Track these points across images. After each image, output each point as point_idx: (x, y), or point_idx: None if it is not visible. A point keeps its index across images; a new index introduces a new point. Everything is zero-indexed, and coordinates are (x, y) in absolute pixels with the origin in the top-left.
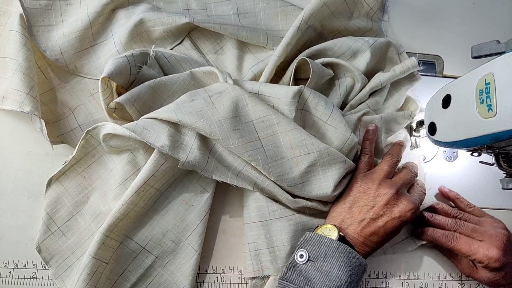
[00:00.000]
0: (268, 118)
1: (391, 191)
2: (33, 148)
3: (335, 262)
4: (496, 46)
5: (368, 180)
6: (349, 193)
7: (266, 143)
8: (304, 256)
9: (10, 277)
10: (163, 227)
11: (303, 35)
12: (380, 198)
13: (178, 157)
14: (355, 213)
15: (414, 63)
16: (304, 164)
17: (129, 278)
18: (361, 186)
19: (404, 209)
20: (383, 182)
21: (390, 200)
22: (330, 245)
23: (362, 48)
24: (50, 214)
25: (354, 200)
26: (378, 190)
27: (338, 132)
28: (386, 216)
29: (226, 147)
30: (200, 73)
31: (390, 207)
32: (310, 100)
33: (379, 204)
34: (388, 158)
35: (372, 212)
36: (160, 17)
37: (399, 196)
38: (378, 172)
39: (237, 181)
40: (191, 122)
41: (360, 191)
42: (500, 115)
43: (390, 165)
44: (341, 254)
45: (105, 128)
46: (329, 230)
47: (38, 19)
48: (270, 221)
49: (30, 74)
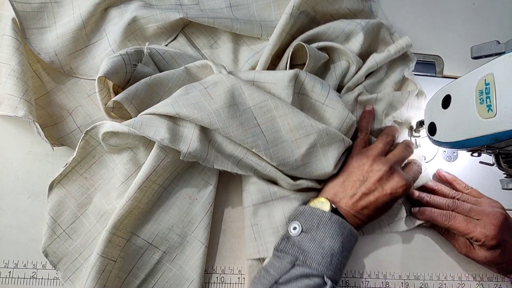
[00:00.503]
0: (265, 104)
1: (384, 167)
2: (33, 148)
3: (327, 232)
4: (496, 46)
5: (363, 156)
6: (344, 168)
7: (265, 128)
8: (297, 228)
9: (10, 277)
10: (168, 222)
11: (296, 21)
12: (373, 174)
13: (179, 148)
14: (347, 187)
15: (408, 42)
16: (305, 146)
17: (138, 275)
18: (355, 161)
19: (395, 185)
20: (377, 159)
21: (382, 176)
22: (323, 216)
23: (355, 30)
24: (54, 218)
25: (348, 175)
26: (372, 166)
27: (336, 112)
28: (377, 192)
29: (226, 136)
30: (195, 67)
31: (382, 183)
32: (307, 83)
33: (371, 179)
34: (384, 137)
35: (364, 187)
36: (153, 14)
37: (392, 172)
38: (373, 150)
39: (237, 169)
40: (189, 114)
41: (354, 167)
42: (500, 116)
43: (385, 143)
44: (333, 224)
45: (104, 127)
46: (321, 203)
47: (30, 22)
48: (272, 201)
49: (24, 78)
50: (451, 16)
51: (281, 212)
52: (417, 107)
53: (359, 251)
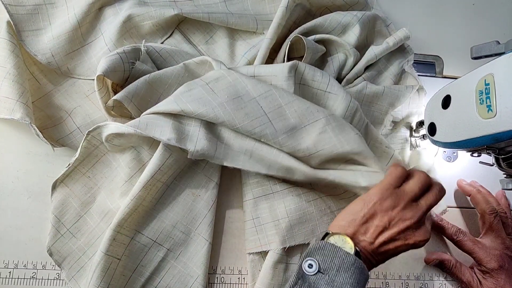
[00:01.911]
0: (270, 93)
1: (414, 218)
2: (33, 148)
3: (348, 278)
4: (496, 46)
5: (394, 199)
6: (368, 204)
7: (272, 116)
8: (314, 267)
9: (10, 277)
10: (172, 219)
11: (292, 14)
12: (400, 223)
13: (186, 147)
14: (369, 230)
15: (406, 33)
16: (315, 132)
17: (143, 273)
18: (384, 202)
19: (419, 239)
20: (409, 206)
21: (409, 227)
22: (345, 259)
23: (351, 22)
24: (58, 217)
25: (372, 215)
26: (401, 214)
27: (340, 98)
28: (399, 242)
29: (232, 129)
30: (193, 64)
31: (406, 233)
32: (307, 73)
33: (397, 228)
34: (421, 179)
35: (388, 234)
36: (148, 11)
37: (420, 225)
38: (407, 194)
39: (249, 164)
40: (193, 110)
41: (381, 208)
42: (500, 116)
43: (421, 188)
44: (356, 270)
45: (109, 129)
46: (343, 241)
47: (26, 24)
48: (273, 194)
49: (20, 80)
50: (451, 16)
51: (283, 205)
52: (418, 104)
53: None
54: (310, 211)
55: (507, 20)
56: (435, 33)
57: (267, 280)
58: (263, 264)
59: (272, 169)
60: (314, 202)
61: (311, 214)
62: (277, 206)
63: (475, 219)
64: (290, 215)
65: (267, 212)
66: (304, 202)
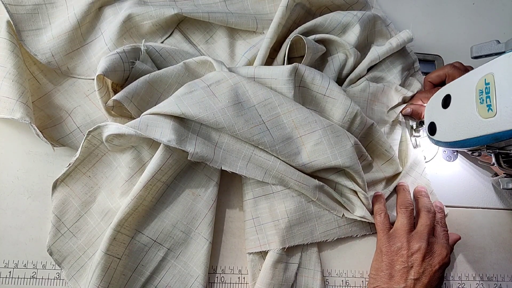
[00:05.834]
0: (270, 101)
1: (422, 244)
2: (33, 148)
3: None
4: (496, 46)
5: (395, 240)
6: (382, 259)
7: (270, 125)
8: None
9: (10, 277)
10: (172, 219)
11: (292, 13)
12: (416, 256)
13: (186, 149)
14: (396, 279)
15: (408, 35)
16: (310, 143)
17: (143, 272)
18: (391, 248)
19: (441, 257)
20: (411, 237)
21: (425, 254)
22: None
23: (351, 22)
24: (58, 216)
25: (391, 265)
26: (410, 248)
27: (338, 102)
28: (428, 271)
29: (232, 134)
30: (194, 63)
31: (428, 261)
32: (306, 76)
33: (417, 262)
34: (403, 210)
35: (413, 272)
36: (147, 11)
37: (431, 246)
38: (401, 229)
39: (246, 170)
40: (194, 114)
41: (392, 254)
42: (500, 115)
43: (408, 216)
44: None
45: (109, 129)
46: None
47: (26, 24)
48: (273, 194)
49: (20, 80)
50: (451, 16)
51: (282, 205)
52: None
53: (360, 251)
54: (310, 211)
55: (507, 20)
56: (435, 32)
57: (267, 279)
58: (263, 264)
59: (268, 176)
60: (314, 203)
61: (311, 215)
62: (277, 206)
63: (475, 219)
64: (289, 215)
65: (267, 212)
66: (304, 202)
